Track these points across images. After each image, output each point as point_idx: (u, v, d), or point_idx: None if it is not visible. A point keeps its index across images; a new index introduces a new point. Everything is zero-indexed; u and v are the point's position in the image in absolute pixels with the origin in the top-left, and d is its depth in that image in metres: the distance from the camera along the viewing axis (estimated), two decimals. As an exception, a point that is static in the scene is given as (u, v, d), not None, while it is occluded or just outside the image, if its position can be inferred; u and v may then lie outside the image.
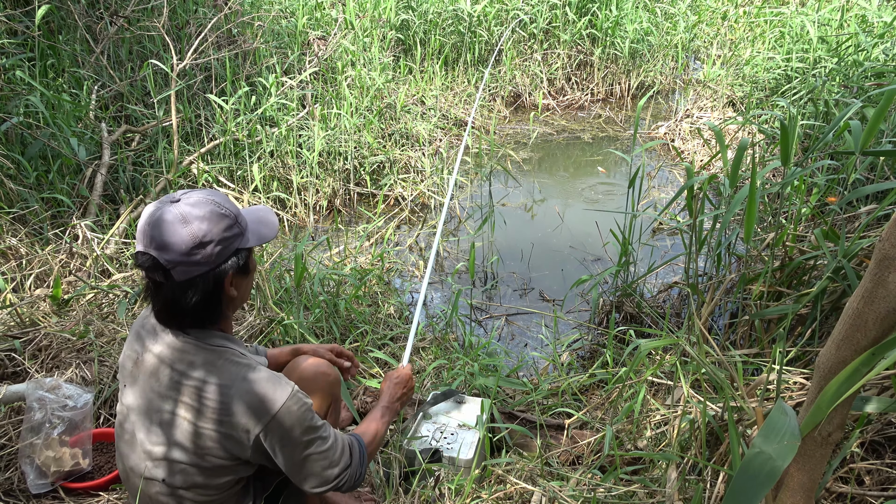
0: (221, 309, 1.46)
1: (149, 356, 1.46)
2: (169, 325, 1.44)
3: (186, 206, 1.36)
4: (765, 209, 3.32)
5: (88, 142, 3.65)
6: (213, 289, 1.40)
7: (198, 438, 1.41)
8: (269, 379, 1.42)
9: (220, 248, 1.38)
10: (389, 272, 3.65)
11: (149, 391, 1.45)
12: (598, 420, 2.33)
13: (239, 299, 1.50)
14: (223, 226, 1.39)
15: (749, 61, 5.81)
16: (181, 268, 1.35)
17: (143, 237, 1.36)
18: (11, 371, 2.27)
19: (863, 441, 1.89)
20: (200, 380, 1.40)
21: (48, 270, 2.83)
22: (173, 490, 1.45)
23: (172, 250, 1.34)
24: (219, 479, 1.46)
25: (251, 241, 1.46)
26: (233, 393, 1.39)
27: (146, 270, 1.38)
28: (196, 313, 1.41)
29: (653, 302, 3.27)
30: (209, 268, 1.38)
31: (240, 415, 1.38)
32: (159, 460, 1.44)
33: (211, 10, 4.73)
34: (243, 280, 1.48)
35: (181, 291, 1.37)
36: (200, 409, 1.40)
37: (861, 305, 1.20)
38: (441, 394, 2.32)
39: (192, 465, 1.43)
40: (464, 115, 5.63)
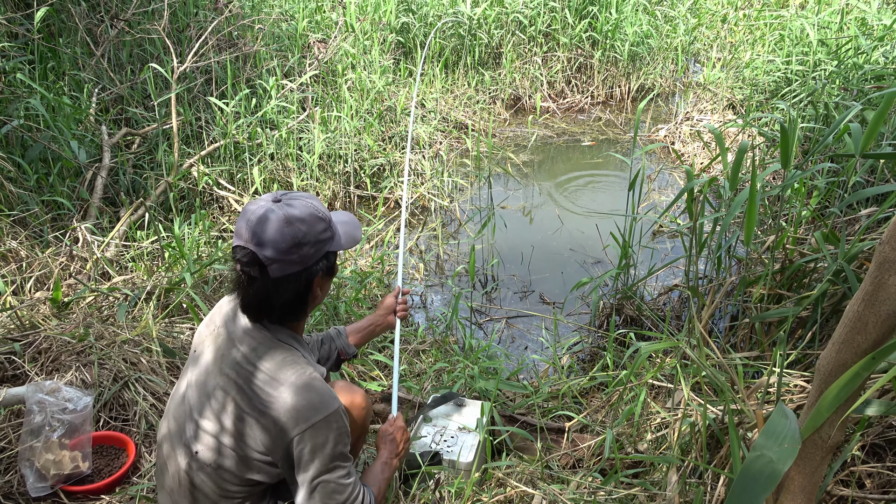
0: (305, 308, 1.53)
1: (222, 335, 1.53)
2: (252, 318, 1.49)
3: (288, 207, 1.44)
4: (765, 212, 3.32)
5: (89, 144, 3.65)
6: (304, 288, 1.48)
7: (240, 423, 1.45)
8: (321, 389, 1.46)
9: (314, 249, 1.46)
10: (389, 275, 3.65)
11: (212, 365, 1.51)
12: (599, 423, 2.33)
13: (318, 300, 1.56)
14: (320, 228, 1.47)
15: (749, 64, 5.81)
16: (278, 265, 1.42)
17: (243, 233, 1.42)
18: (11, 374, 2.27)
19: (863, 444, 1.88)
20: (260, 369, 1.45)
21: (48, 273, 2.83)
22: (201, 465, 1.49)
23: (273, 248, 1.40)
24: (244, 472, 1.48)
25: (340, 245, 1.54)
26: (284, 390, 1.43)
27: (244, 265, 1.43)
28: (283, 309, 1.48)
29: (653, 305, 3.27)
30: (303, 267, 1.45)
31: (283, 412, 1.41)
32: (202, 432, 1.49)
33: (211, 13, 4.74)
34: (327, 282, 1.56)
35: (274, 287, 1.44)
36: (251, 396, 1.44)
37: (861, 308, 1.20)
38: (441, 397, 2.32)
39: (228, 447, 1.47)
40: (464, 117, 5.63)
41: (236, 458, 1.47)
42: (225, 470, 1.48)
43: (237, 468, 1.48)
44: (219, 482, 1.49)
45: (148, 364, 2.36)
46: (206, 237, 3.39)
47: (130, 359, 2.35)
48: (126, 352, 2.37)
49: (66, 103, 3.60)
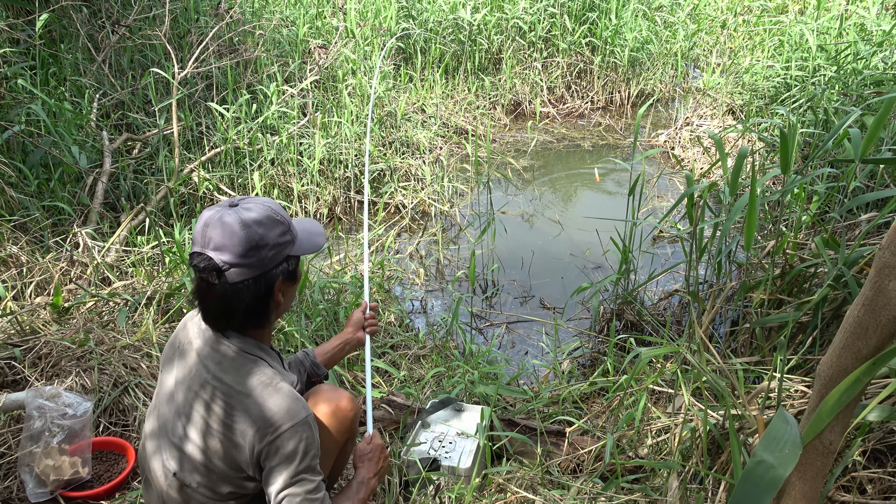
0: (268, 315, 1.49)
1: (189, 349, 1.51)
2: (214, 327, 1.47)
3: (244, 210, 1.42)
4: (765, 217, 3.33)
5: (90, 150, 3.66)
6: (264, 293, 1.44)
7: (209, 438, 1.43)
8: (287, 398, 1.42)
9: (273, 252, 1.43)
10: (390, 280, 3.65)
11: (181, 382, 1.50)
12: (599, 428, 2.32)
13: (283, 307, 1.52)
14: (278, 231, 1.44)
15: (748, 69, 5.82)
16: (235, 269, 1.39)
17: (200, 238, 1.41)
18: (11, 379, 2.27)
19: (864, 450, 1.88)
20: (224, 383, 1.43)
21: (49, 278, 2.83)
22: (182, 486, 1.48)
23: (229, 252, 1.38)
24: (222, 488, 1.46)
25: (301, 250, 1.51)
26: (248, 402, 1.41)
27: (200, 271, 1.41)
28: (244, 316, 1.45)
29: (653, 310, 3.27)
30: (262, 271, 1.42)
31: (249, 425, 1.40)
32: (176, 453, 1.48)
33: (212, 19, 4.75)
34: (290, 287, 1.52)
35: (233, 293, 1.41)
36: (217, 411, 1.43)
37: (861, 313, 1.20)
38: (439, 402, 2.32)
39: (202, 465, 1.45)
40: (464, 123, 5.64)
41: (213, 476, 1.45)
42: (203, 487, 1.46)
43: (216, 485, 1.46)
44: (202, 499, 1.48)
45: (148, 369, 2.36)
46: (206, 242, 3.39)
47: (130, 364, 2.35)
48: (126, 357, 2.37)
49: (67, 109, 3.60)
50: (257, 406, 1.40)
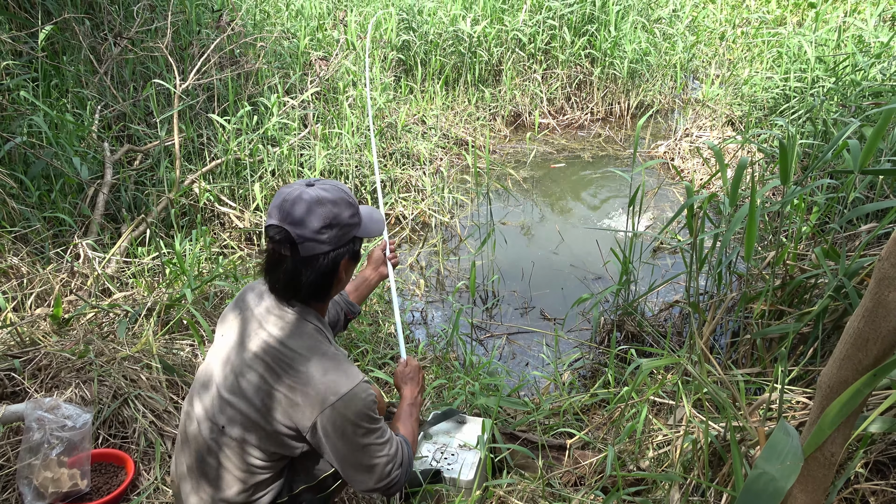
0: (330, 290, 1.60)
1: (249, 314, 1.61)
2: (280, 296, 1.57)
3: (321, 190, 1.53)
4: (765, 228, 3.33)
5: (91, 161, 3.67)
6: (331, 269, 1.56)
7: (269, 399, 1.51)
8: (345, 364, 1.54)
9: (343, 231, 1.55)
10: (390, 291, 3.65)
11: (239, 345, 1.58)
12: (601, 440, 2.32)
13: (342, 285, 1.63)
14: (349, 213, 1.56)
15: (747, 81, 5.85)
16: (308, 244, 1.50)
17: (278, 213, 1.51)
18: (10, 391, 2.26)
19: (867, 461, 1.87)
20: (288, 347, 1.53)
21: (49, 289, 2.83)
22: (227, 441, 1.55)
23: (305, 227, 1.49)
24: (270, 446, 1.53)
25: (365, 233, 1.63)
26: (312, 366, 1.51)
27: (276, 243, 1.52)
28: (309, 288, 1.55)
29: (654, 321, 3.26)
30: (331, 248, 1.54)
31: (312, 387, 1.48)
32: (228, 408, 1.55)
33: (214, 31, 4.78)
34: (352, 266, 1.64)
35: (303, 266, 1.52)
36: (280, 373, 1.51)
37: (862, 325, 1.20)
38: (442, 413, 2.31)
39: (255, 422, 1.52)
40: (464, 134, 5.66)
41: (264, 432, 1.52)
42: (250, 444, 1.53)
43: (263, 442, 1.53)
44: (243, 456, 1.54)
45: (148, 381, 2.35)
46: (207, 253, 3.40)
47: (130, 376, 2.35)
48: (126, 368, 2.36)
49: (68, 120, 3.62)
50: (321, 370, 1.50)
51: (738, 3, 7.98)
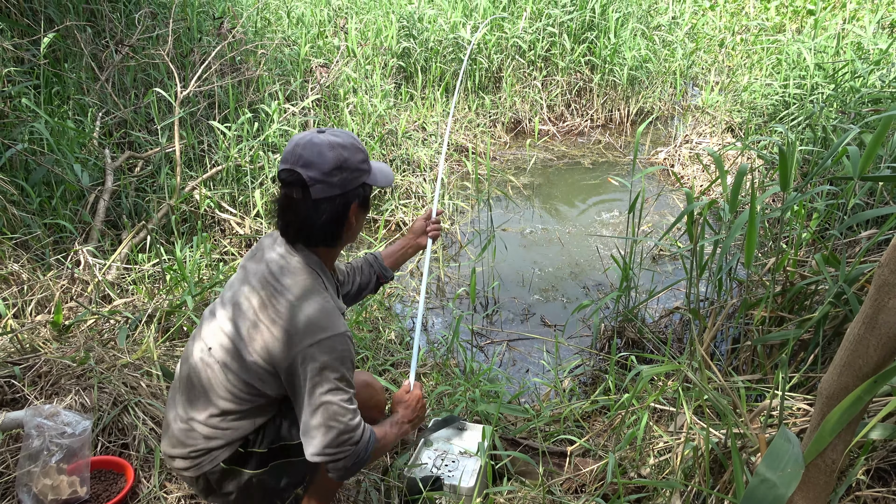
0: (339, 235, 1.64)
1: (260, 255, 1.68)
2: (289, 239, 1.64)
3: (332, 136, 1.58)
4: (765, 234, 3.33)
5: (92, 168, 3.67)
6: (341, 212, 1.60)
7: (253, 329, 1.57)
8: (332, 311, 1.57)
9: (353, 176, 1.59)
10: (390, 297, 3.65)
11: (241, 280, 1.66)
12: (601, 447, 2.31)
13: (351, 233, 1.68)
14: (359, 158, 1.60)
15: (747, 88, 5.87)
16: (319, 186, 1.55)
17: (290, 157, 1.57)
18: (10, 398, 2.26)
19: (868, 468, 1.87)
20: (282, 284, 1.58)
21: (49, 296, 2.83)
22: (211, 362, 1.61)
23: (316, 168, 1.54)
24: (247, 377, 1.58)
25: (375, 181, 1.67)
26: (298, 306, 1.54)
27: (287, 185, 1.57)
28: (320, 232, 1.60)
29: (654, 327, 3.26)
30: (341, 191, 1.58)
31: (294, 325, 1.52)
32: (219, 332, 1.63)
33: (215, 38, 4.80)
34: (362, 214, 1.68)
35: (314, 208, 1.57)
36: (268, 306, 1.57)
37: (862, 331, 1.20)
38: (442, 420, 2.31)
39: (237, 350, 1.58)
40: (465, 140, 5.67)
41: (243, 363, 1.57)
42: (230, 371, 1.59)
43: (241, 372, 1.58)
44: (221, 381, 1.60)
45: (148, 388, 2.35)
46: (207, 260, 3.40)
47: (130, 383, 2.34)
48: (126, 375, 2.36)
49: (70, 127, 3.63)
50: (306, 311, 1.53)
51: (737, 11, 8.01)
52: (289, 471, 1.70)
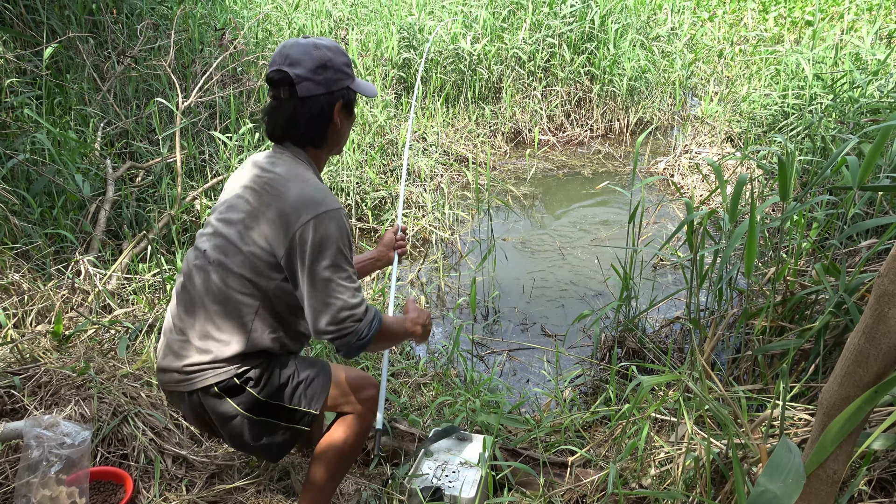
0: (325, 135, 1.73)
1: (250, 163, 1.76)
2: (277, 139, 1.72)
3: (317, 39, 1.69)
4: (765, 244, 3.33)
5: (93, 178, 3.68)
6: (326, 110, 1.69)
7: (249, 219, 1.64)
8: (325, 191, 1.65)
9: (337, 76, 1.68)
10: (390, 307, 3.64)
11: (234, 184, 1.74)
12: (602, 458, 2.30)
13: (337, 138, 1.76)
14: (343, 61, 1.70)
15: (746, 98, 5.89)
16: (305, 84, 1.64)
17: (278, 58, 1.66)
18: (10, 408, 2.26)
19: (870, 479, 1.86)
20: (275, 173, 1.66)
21: (50, 306, 2.83)
22: (208, 264, 1.67)
23: (302, 66, 1.64)
24: (246, 271, 1.63)
25: (359, 88, 1.75)
26: (291, 186, 1.62)
27: (275, 86, 1.66)
28: (306, 129, 1.69)
29: (655, 337, 3.26)
30: (326, 90, 1.67)
31: (289, 204, 1.60)
32: (212, 234, 1.69)
33: (216, 49, 4.83)
34: (347, 119, 1.75)
35: (301, 105, 1.66)
36: (262, 193, 1.65)
37: (862, 341, 1.20)
38: (442, 430, 2.30)
39: (234, 244, 1.64)
40: (465, 150, 5.69)
41: (241, 255, 1.63)
42: (225, 269, 1.64)
43: (240, 267, 1.63)
44: (219, 282, 1.64)
45: (148, 398, 2.34)
46: (207, 270, 3.40)
47: (130, 393, 2.34)
48: (126, 386, 2.36)
49: (71, 138, 3.64)
50: (300, 189, 1.61)
51: (736, 22, 8.06)
52: (269, 431, 1.74)
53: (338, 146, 1.80)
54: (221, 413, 1.70)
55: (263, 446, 1.76)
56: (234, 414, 1.70)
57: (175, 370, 1.69)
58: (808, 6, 7.66)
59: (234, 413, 1.70)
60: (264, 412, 1.72)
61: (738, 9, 8.34)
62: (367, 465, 2.37)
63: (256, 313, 1.66)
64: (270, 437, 1.75)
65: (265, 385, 1.70)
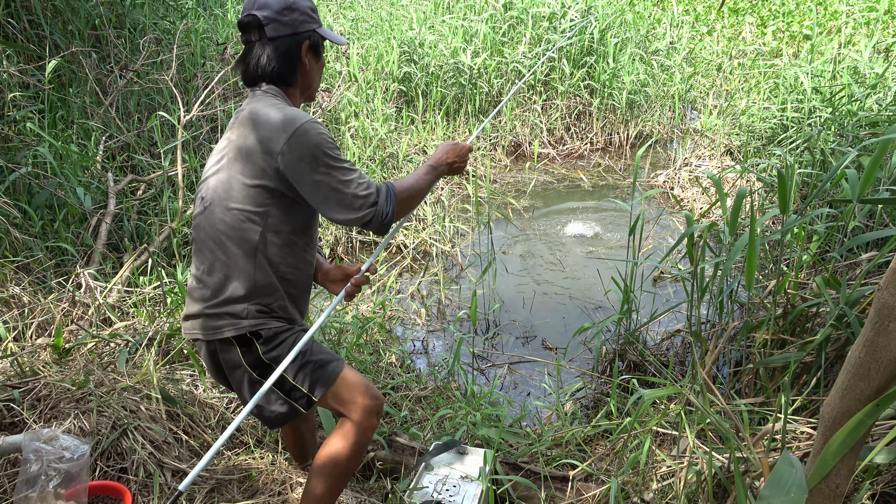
0: (295, 75, 1.82)
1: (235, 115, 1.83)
2: (252, 82, 1.81)
3: None
4: (765, 256, 3.33)
5: (94, 191, 3.69)
6: (293, 49, 1.79)
7: (236, 153, 1.72)
8: (299, 111, 1.74)
9: (303, 18, 1.79)
10: (391, 320, 3.65)
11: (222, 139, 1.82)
12: (604, 471, 2.29)
13: (307, 80, 1.86)
14: (308, 4, 1.81)
15: (745, 111, 5.91)
16: (273, 25, 1.75)
17: (247, 5, 1.77)
18: (9, 422, 2.25)
19: (874, 493, 1.85)
20: (254, 109, 1.74)
21: (50, 319, 2.83)
22: (210, 208, 1.75)
23: (269, 8, 1.75)
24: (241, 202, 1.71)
25: (326, 34, 1.85)
26: (269, 113, 1.71)
27: (246, 30, 1.77)
28: (275, 67, 1.78)
29: (656, 350, 3.25)
30: (292, 31, 1.77)
31: (267, 129, 1.69)
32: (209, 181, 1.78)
33: (218, 63, 4.86)
34: (315, 61, 1.86)
35: (270, 46, 1.77)
36: (241, 130, 1.73)
37: (863, 354, 1.20)
38: (443, 444, 2.29)
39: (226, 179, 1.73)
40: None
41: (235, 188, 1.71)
42: (226, 206, 1.72)
43: (237, 200, 1.71)
44: (222, 217, 1.72)
45: (147, 412, 2.34)
46: (208, 283, 3.40)
47: (130, 406, 2.33)
48: (126, 399, 2.35)
49: (73, 151, 3.66)
50: (275, 116, 1.69)
51: (735, 36, 8.11)
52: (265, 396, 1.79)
53: (308, 90, 1.89)
54: (228, 360, 1.79)
55: (259, 408, 1.81)
56: (238, 364, 1.78)
57: (195, 315, 1.79)
58: (806, 20, 7.71)
59: (238, 363, 1.78)
60: (265, 374, 1.76)
61: (737, 23, 8.40)
62: (367, 479, 2.35)
63: (259, 242, 1.74)
64: (266, 401, 1.80)
65: (273, 348, 1.77)
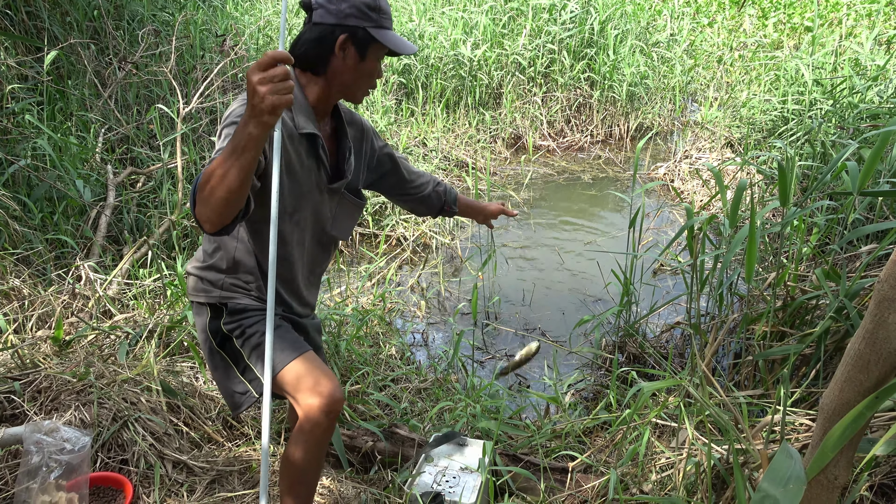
0: (325, 65, 1.70)
1: None
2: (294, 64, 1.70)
3: None
4: (765, 249, 3.33)
5: (94, 183, 3.69)
6: (327, 38, 1.67)
7: None
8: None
9: (352, 12, 1.66)
10: (391, 313, 3.65)
11: None
12: (603, 463, 2.30)
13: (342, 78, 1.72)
14: (366, 2, 1.66)
15: (746, 103, 5.90)
16: (320, 11, 1.66)
17: None
18: (10, 414, 2.26)
19: (872, 484, 1.86)
20: None
21: (50, 311, 2.83)
22: None
23: None
24: None
25: (382, 37, 1.68)
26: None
27: (305, 9, 1.69)
28: (303, 49, 1.69)
29: (655, 342, 3.25)
30: (335, 20, 1.66)
31: None
32: None
33: (217, 55, 4.84)
34: (354, 59, 1.70)
35: (309, 30, 1.68)
36: None
37: (862, 346, 1.20)
38: (443, 436, 2.30)
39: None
40: (465, 156, 5.70)
41: None
42: None
43: None
44: None
45: (148, 404, 2.34)
46: (208, 275, 3.40)
47: (130, 398, 2.34)
48: (126, 391, 2.35)
49: (72, 143, 3.65)
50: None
51: (735, 27, 8.08)
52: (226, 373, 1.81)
53: (343, 87, 1.74)
54: (198, 322, 1.83)
55: (221, 387, 1.83)
56: (203, 328, 1.81)
57: (187, 272, 1.86)
58: (808, 12, 7.68)
59: (203, 326, 1.81)
60: (224, 345, 1.78)
61: (738, 14, 8.37)
62: (367, 470, 2.36)
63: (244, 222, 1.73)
64: (227, 380, 1.81)
65: (234, 322, 1.78)
